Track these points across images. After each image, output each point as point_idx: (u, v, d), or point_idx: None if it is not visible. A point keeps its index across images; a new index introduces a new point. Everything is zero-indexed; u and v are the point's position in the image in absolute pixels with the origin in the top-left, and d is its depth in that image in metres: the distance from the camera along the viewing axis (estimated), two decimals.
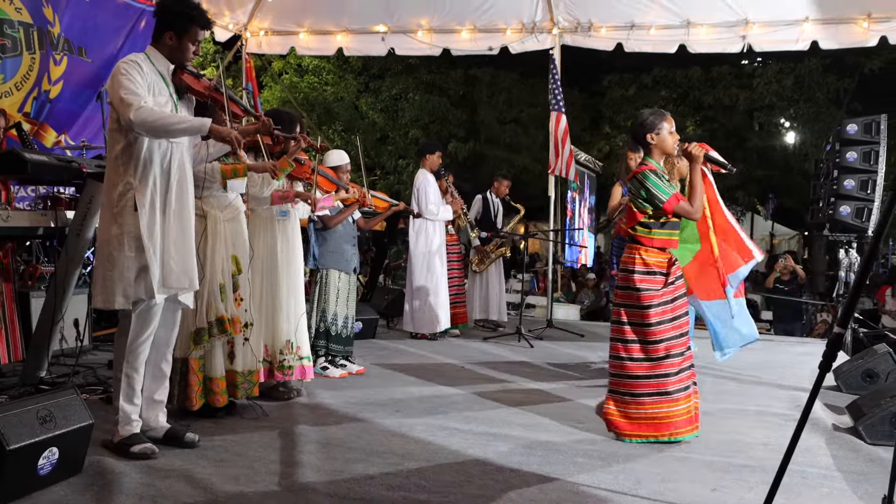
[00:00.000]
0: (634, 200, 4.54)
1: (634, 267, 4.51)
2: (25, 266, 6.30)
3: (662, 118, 4.54)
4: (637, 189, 4.50)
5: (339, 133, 18.98)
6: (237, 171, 4.57)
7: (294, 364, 5.32)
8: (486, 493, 3.58)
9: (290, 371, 5.30)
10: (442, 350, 7.69)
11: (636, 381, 4.50)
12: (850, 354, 7.70)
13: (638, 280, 4.49)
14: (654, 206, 4.46)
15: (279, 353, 5.28)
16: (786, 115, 19.30)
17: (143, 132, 3.70)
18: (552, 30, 10.28)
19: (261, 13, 11.03)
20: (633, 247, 4.56)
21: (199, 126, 3.79)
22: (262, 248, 5.24)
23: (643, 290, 4.48)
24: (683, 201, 4.48)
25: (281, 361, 5.27)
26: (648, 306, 4.47)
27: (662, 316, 4.49)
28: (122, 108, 3.63)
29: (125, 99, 3.62)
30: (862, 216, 8.13)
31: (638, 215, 4.52)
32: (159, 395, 4.15)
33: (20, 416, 3.26)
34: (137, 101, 3.62)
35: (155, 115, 3.65)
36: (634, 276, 4.50)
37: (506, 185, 9.59)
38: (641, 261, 4.50)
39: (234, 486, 3.52)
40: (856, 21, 9.11)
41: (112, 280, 3.77)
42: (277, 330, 5.29)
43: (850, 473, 4.07)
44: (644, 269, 4.49)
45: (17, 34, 7.46)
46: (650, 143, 4.54)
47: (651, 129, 4.52)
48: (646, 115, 4.59)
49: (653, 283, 4.49)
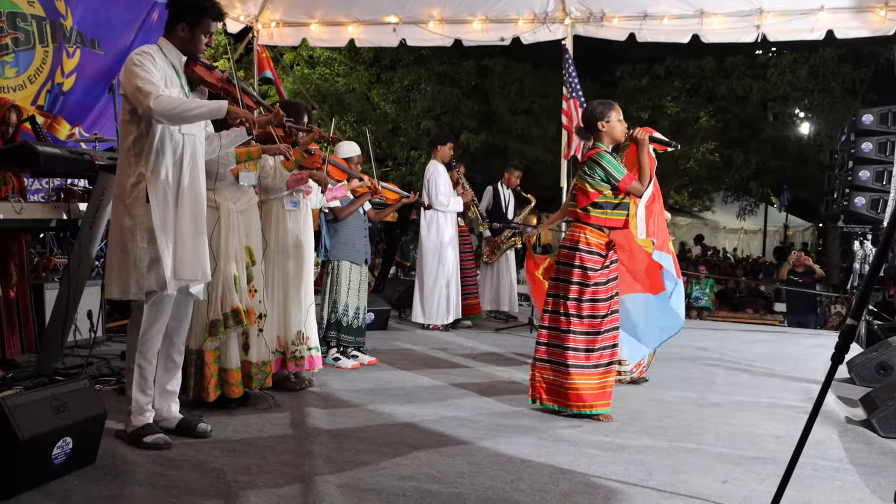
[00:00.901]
0: (589, 181, 4.79)
1: (579, 245, 4.81)
2: (39, 258, 6.34)
3: (611, 108, 4.87)
4: (592, 170, 4.79)
5: (350, 124, 18.97)
6: (251, 154, 4.57)
7: (304, 354, 5.34)
8: (497, 483, 3.58)
9: (302, 361, 5.32)
10: (453, 341, 7.70)
11: (566, 352, 4.79)
12: (864, 347, 7.67)
13: (582, 258, 4.79)
14: (611, 184, 4.77)
15: (291, 344, 5.30)
16: (800, 105, 19.18)
17: (162, 120, 3.71)
18: (564, 20, 10.22)
19: (272, 5, 11.01)
20: (580, 226, 4.86)
21: (217, 108, 3.81)
22: (274, 240, 5.26)
23: (587, 268, 4.79)
24: (635, 181, 4.79)
25: (293, 352, 5.30)
26: (588, 284, 4.79)
27: (596, 294, 4.81)
28: (141, 98, 3.63)
29: (143, 88, 3.63)
30: (877, 207, 8.08)
31: (592, 195, 4.79)
32: (171, 386, 4.17)
33: (34, 406, 3.28)
34: (155, 90, 3.63)
35: (173, 102, 3.67)
36: (579, 253, 4.80)
37: (516, 176, 9.57)
38: (585, 240, 4.81)
39: (246, 476, 3.54)
40: (873, 10, 9.00)
41: (126, 271, 3.79)
42: (289, 321, 5.31)
43: (863, 466, 4.05)
44: (587, 248, 4.80)
45: (29, 27, 7.48)
46: (601, 130, 4.86)
47: (601, 117, 4.85)
48: (595, 104, 4.92)
49: (594, 262, 4.80)
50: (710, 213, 24.97)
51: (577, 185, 4.92)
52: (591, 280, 4.77)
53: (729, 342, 8.32)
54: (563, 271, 4.87)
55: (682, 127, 19.64)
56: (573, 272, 4.80)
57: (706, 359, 7.12)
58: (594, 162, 4.78)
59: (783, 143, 19.81)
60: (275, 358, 5.21)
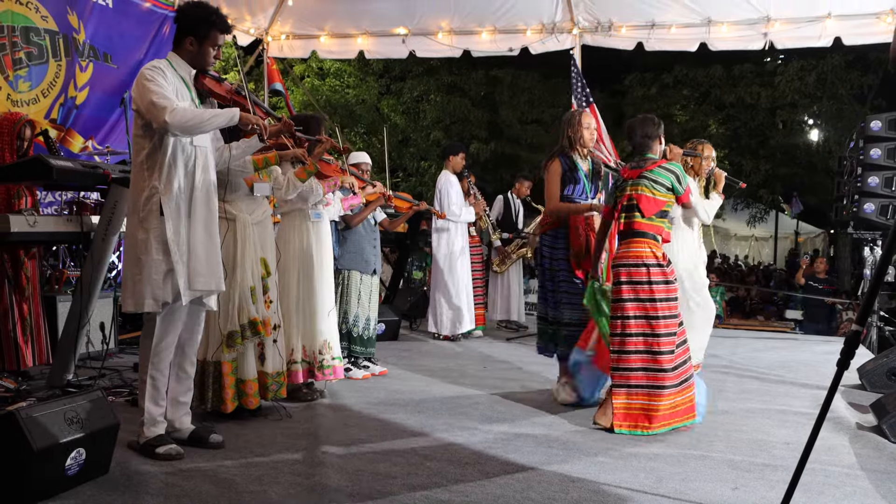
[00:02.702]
0: (658, 189, 4.74)
1: (648, 260, 4.71)
2: (52, 271, 6.39)
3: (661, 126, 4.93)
4: (663, 177, 4.75)
5: (361, 136, 19.03)
6: (269, 159, 4.61)
7: (331, 364, 5.38)
8: (508, 492, 3.59)
9: (330, 371, 5.36)
10: (464, 351, 7.71)
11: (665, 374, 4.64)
12: (876, 352, 7.64)
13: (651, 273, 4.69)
14: (676, 192, 4.78)
15: (318, 354, 5.34)
16: (809, 112, 19.13)
17: (179, 132, 3.77)
18: (572, 30, 10.28)
19: (282, 17, 11.10)
20: (644, 241, 4.75)
21: (231, 116, 3.88)
22: (298, 251, 5.30)
23: (658, 282, 4.70)
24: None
25: (321, 362, 5.34)
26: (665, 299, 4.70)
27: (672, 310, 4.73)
28: (156, 112, 3.68)
29: (158, 103, 3.68)
30: (887, 213, 8.07)
31: (661, 203, 4.75)
32: (184, 397, 4.20)
33: (48, 417, 3.31)
34: (170, 104, 3.69)
35: (188, 114, 3.73)
36: (649, 268, 4.69)
37: (527, 186, 9.60)
38: (653, 254, 4.72)
39: (258, 486, 3.56)
40: (879, 16, 9.02)
41: (141, 283, 3.82)
42: (316, 331, 5.36)
43: (874, 472, 4.04)
44: (656, 261, 4.72)
45: (43, 42, 7.56)
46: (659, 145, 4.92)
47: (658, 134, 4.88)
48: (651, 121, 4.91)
49: (663, 275, 4.72)
50: (721, 221, 24.91)
51: (633, 194, 4.77)
52: (664, 294, 4.68)
53: (740, 349, 8.30)
54: (642, 290, 4.68)
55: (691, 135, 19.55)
56: (653, 289, 4.68)
57: (716, 366, 7.10)
58: (666, 170, 4.76)
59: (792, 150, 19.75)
60: (302, 368, 5.26)
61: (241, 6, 10.50)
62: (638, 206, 4.73)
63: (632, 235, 4.76)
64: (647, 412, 4.61)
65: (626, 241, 4.79)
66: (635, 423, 4.62)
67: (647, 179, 4.75)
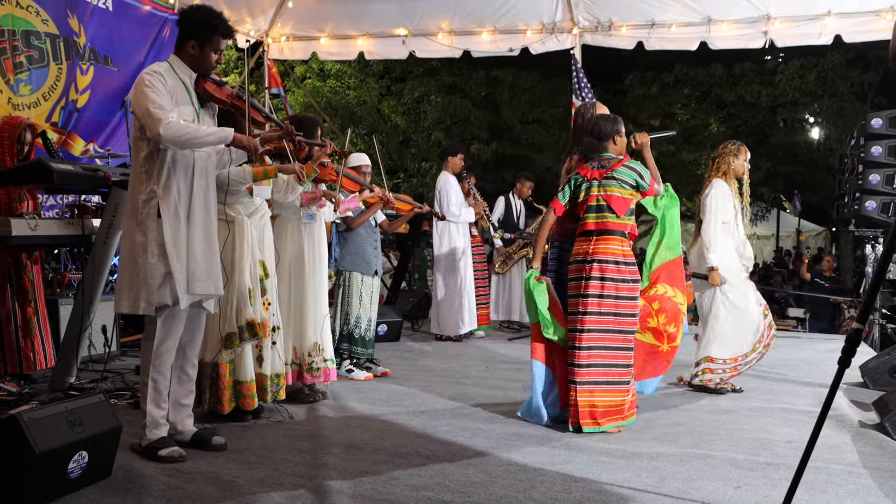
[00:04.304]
0: (626, 187, 4.82)
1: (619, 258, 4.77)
2: (54, 274, 6.40)
3: (621, 123, 5.03)
4: (628, 175, 4.82)
5: (361, 137, 19.04)
6: (268, 172, 4.62)
7: (321, 366, 5.38)
8: (510, 492, 3.59)
9: (319, 373, 5.36)
10: (466, 352, 7.71)
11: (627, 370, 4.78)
12: (878, 350, 7.63)
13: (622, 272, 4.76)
14: (640, 188, 4.89)
15: (307, 356, 5.33)
16: (809, 110, 19.13)
17: (171, 146, 3.77)
18: (572, 29, 10.28)
19: (282, 19, 11.12)
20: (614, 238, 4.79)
21: (224, 137, 3.89)
22: (289, 252, 5.30)
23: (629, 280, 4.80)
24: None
25: (310, 364, 5.33)
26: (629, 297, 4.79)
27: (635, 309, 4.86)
28: (151, 123, 3.69)
29: (154, 114, 3.68)
30: (888, 211, 8.05)
31: (629, 201, 4.83)
32: (186, 399, 4.20)
33: (50, 420, 3.31)
34: (166, 117, 3.68)
35: (181, 129, 3.72)
36: (619, 267, 4.76)
37: (528, 187, 9.59)
38: (622, 252, 4.79)
39: (261, 488, 3.56)
40: (879, 14, 9.01)
41: (137, 286, 3.83)
42: (305, 333, 5.35)
43: (877, 470, 4.04)
44: (624, 259, 4.79)
45: (43, 45, 7.57)
46: (615, 144, 4.97)
47: (618, 132, 4.97)
48: (606, 119, 5.04)
49: (634, 274, 4.83)
50: None
51: (601, 195, 4.78)
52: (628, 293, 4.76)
53: None
54: (622, 287, 4.72)
55: (692, 134, 19.61)
56: (626, 287, 4.74)
57: None
58: (629, 168, 4.82)
59: (793, 148, 19.75)
60: (291, 370, 5.26)
61: (242, 8, 10.52)
62: (609, 207, 4.78)
63: (607, 233, 4.78)
64: (613, 408, 4.69)
65: (599, 237, 4.77)
66: (596, 420, 4.65)
67: (615, 180, 4.81)
